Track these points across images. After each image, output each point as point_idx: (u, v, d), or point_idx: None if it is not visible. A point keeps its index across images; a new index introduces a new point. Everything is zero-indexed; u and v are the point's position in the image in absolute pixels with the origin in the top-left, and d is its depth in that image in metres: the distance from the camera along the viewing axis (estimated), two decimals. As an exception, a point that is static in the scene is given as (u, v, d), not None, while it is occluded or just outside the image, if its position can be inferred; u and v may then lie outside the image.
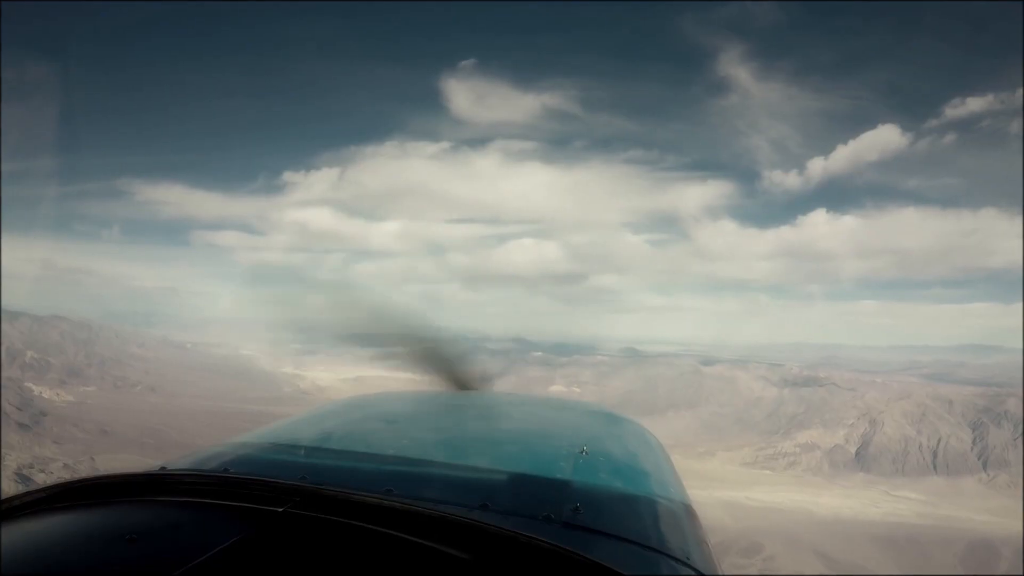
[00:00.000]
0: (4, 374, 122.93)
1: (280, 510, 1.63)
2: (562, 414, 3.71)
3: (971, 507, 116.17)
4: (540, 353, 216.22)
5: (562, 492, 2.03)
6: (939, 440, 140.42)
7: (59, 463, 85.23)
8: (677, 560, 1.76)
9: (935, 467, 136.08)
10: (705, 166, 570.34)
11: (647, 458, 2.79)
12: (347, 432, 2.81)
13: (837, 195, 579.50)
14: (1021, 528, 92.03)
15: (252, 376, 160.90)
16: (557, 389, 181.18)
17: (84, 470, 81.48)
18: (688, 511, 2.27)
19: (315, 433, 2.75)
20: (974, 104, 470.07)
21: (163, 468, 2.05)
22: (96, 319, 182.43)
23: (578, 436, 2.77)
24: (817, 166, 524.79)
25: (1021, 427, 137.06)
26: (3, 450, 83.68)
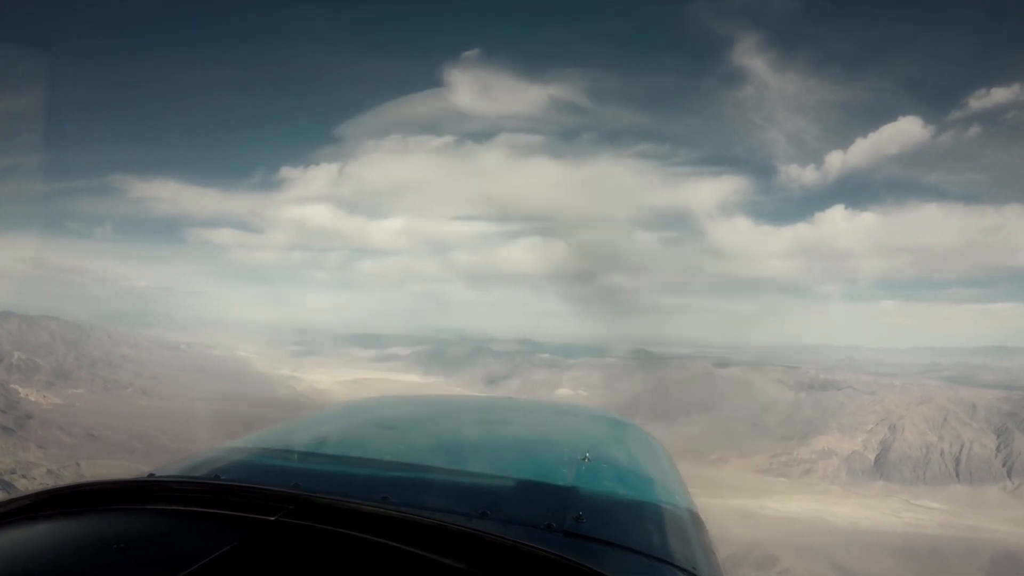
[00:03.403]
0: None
1: (272, 519, 1.60)
2: (564, 419, 3.65)
3: (995, 517, 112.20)
4: (547, 355, 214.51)
5: (564, 500, 2.01)
6: (962, 446, 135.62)
7: (43, 468, 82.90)
8: (683, 570, 1.75)
9: (958, 475, 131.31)
10: (719, 161, 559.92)
11: (651, 464, 2.78)
12: (342, 437, 2.80)
13: (856, 190, 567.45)
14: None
15: (248, 378, 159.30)
16: (564, 392, 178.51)
17: (69, 475, 79.79)
18: (694, 519, 2.26)
19: (309, 438, 2.73)
20: (1000, 95, 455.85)
21: (151, 475, 2.03)
22: (88, 319, 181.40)
23: (580, 442, 2.77)
24: (835, 160, 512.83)
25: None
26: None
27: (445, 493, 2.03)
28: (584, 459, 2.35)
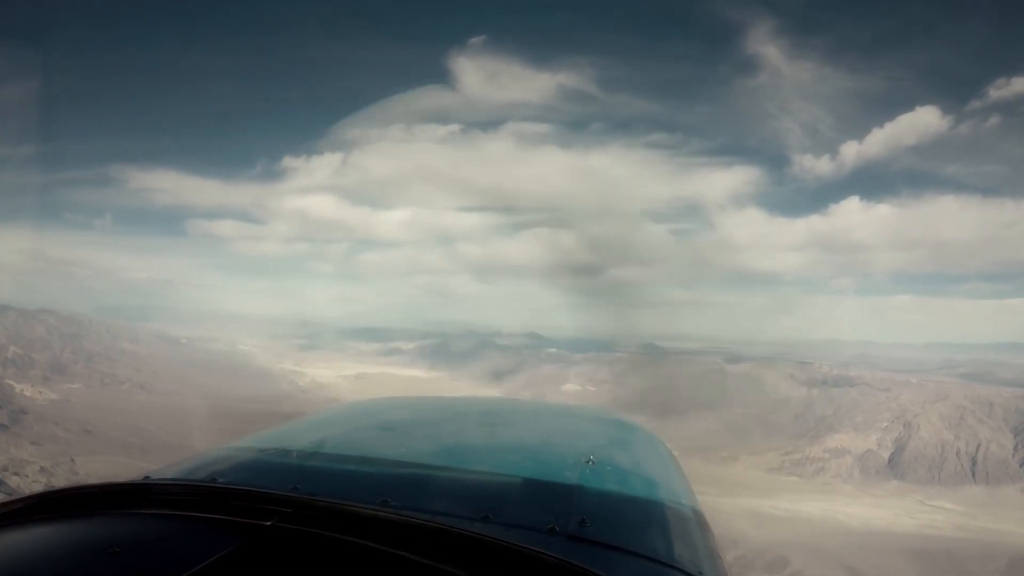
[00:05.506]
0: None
1: (268, 524, 1.58)
2: (567, 421, 3.66)
3: (1013, 519, 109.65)
4: (554, 349, 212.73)
5: (568, 503, 2.00)
6: (978, 446, 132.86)
7: (35, 466, 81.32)
8: (688, 575, 1.75)
9: (974, 475, 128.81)
10: (731, 151, 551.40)
11: (657, 467, 2.78)
12: (342, 439, 2.81)
13: (871, 182, 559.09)
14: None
15: (249, 373, 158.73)
16: (571, 388, 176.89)
17: (63, 472, 78.78)
18: (700, 523, 2.26)
19: (309, 440, 2.71)
20: (1020, 84, 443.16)
21: (147, 477, 2.03)
22: (87, 313, 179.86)
23: (584, 444, 2.80)
24: (851, 151, 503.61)
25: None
26: (-23, 451, 79.60)
27: (446, 496, 2.03)
28: (588, 462, 2.34)
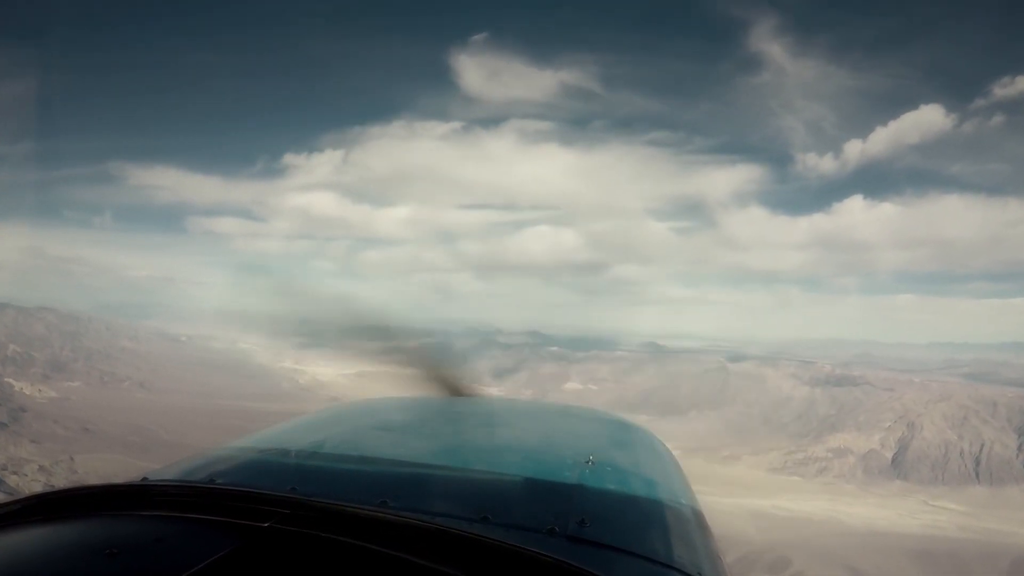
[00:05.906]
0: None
1: (265, 525, 1.58)
2: (567, 421, 3.64)
3: (1017, 519, 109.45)
4: (556, 348, 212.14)
5: (567, 504, 2.00)
6: (982, 446, 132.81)
7: (35, 464, 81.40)
8: (688, 575, 1.76)
9: (977, 475, 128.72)
10: (734, 149, 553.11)
11: (657, 468, 2.77)
12: (341, 439, 2.81)
13: (875, 180, 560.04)
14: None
15: (249, 371, 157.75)
16: (573, 387, 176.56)
17: (62, 471, 78.92)
18: (700, 524, 2.27)
19: (307, 440, 2.71)
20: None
21: (145, 478, 2.04)
22: (87, 310, 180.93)
23: (584, 445, 2.80)
24: (854, 149, 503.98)
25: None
26: (-24, 450, 79.54)
27: (446, 496, 2.03)
28: (588, 462, 2.33)
